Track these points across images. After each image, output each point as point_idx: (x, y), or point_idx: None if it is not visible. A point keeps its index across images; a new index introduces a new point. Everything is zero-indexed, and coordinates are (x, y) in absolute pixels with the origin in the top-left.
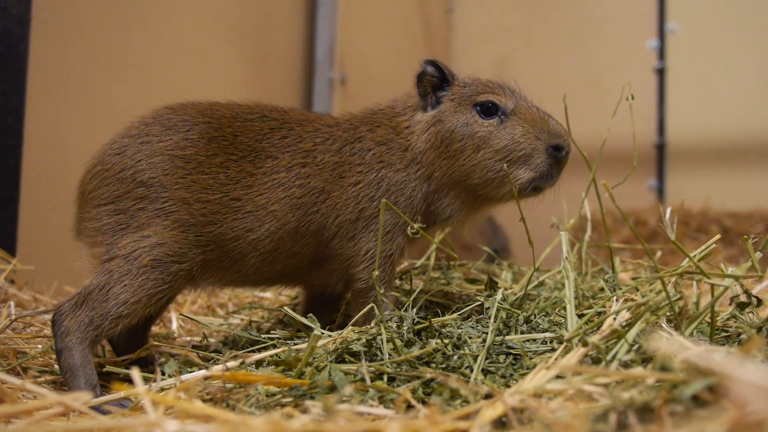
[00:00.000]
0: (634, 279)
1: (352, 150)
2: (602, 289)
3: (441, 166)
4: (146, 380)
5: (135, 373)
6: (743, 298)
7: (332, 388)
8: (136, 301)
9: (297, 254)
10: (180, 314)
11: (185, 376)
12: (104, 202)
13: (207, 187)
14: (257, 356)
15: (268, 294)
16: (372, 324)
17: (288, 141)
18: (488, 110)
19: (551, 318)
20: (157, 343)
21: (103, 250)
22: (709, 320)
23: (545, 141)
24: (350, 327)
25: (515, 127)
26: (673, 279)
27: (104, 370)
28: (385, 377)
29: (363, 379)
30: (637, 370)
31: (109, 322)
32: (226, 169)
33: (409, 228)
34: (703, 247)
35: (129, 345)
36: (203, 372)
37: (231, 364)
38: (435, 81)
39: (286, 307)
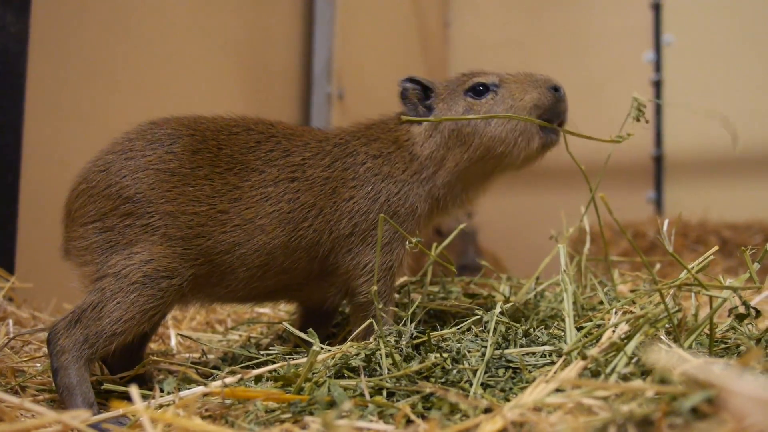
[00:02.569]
0: (632, 291)
1: (344, 165)
2: (601, 302)
3: (455, 155)
4: (145, 397)
5: (133, 390)
6: (742, 310)
7: (331, 404)
8: (129, 318)
9: (289, 270)
10: (178, 333)
11: (184, 393)
12: (91, 219)
13: (193, 200)
14: (255, 372)
15: (267, 309)
16: (371, 339)
17: (275, 155)
18: (479, 91)
19: (550, 331)
20: (155, 358)
21: (93, 269)
22: (708, 332)
23: (543, 85)
24: (349, 342)
25: (511, 91)
26: (671, 291)
27: (102, 387)
28: (385, 392)
29: (362, 395)
30: (637, 383)
31: (103, 340)
32: (212, 181)
33: (407, 242)
34: (701, 259)
35: (125, 365)
36: (202, 388)
37: (229, 380)
38: (418, 93)
39: (285, 322)
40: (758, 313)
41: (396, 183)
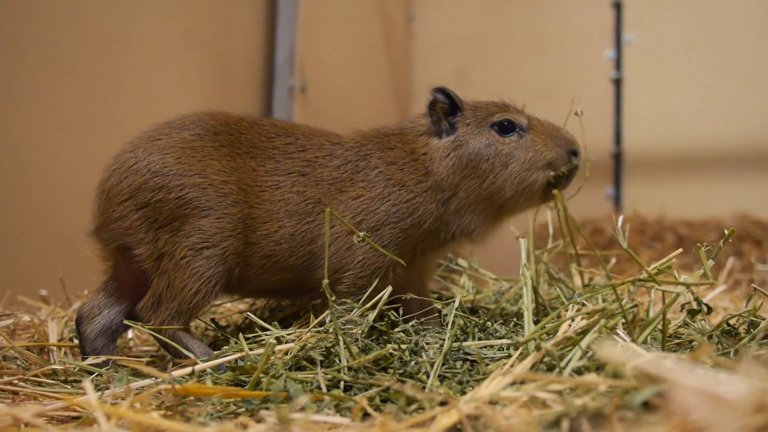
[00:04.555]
0: (585, 286)
1: (356, 168)
2: (559, 297)
3: (468, 186)
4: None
5: (87, 384)
6: (694, 306)
7: (288, 398)
8: (197, 291)
9: (293, 267)
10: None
11: (135, 385)
12: (125, 197)
13: (221, 171)
14: (204, 365)
15: (228, 304)
16: (330, 329)
17: (292, 148)
18: (506, 128)
19: (509, 327)
20: (110, 357)
21: (145, 249)
22: (661, 327)
23: (564, 147)
24: (308, 332)
25: (535, 140)
26: (626, 287)
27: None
28: (342, 385)
29: (320, 387)
30: (590, 377)
31: (188, 312)
32: (232, 159)
33: (355, 237)
34: (664, 260)
35: (98, 347)
36: (152, 382)
37: (177, 373)
38: (446, 108)
39: (248, 313)
40: (710, 309)
41: (408, 191)
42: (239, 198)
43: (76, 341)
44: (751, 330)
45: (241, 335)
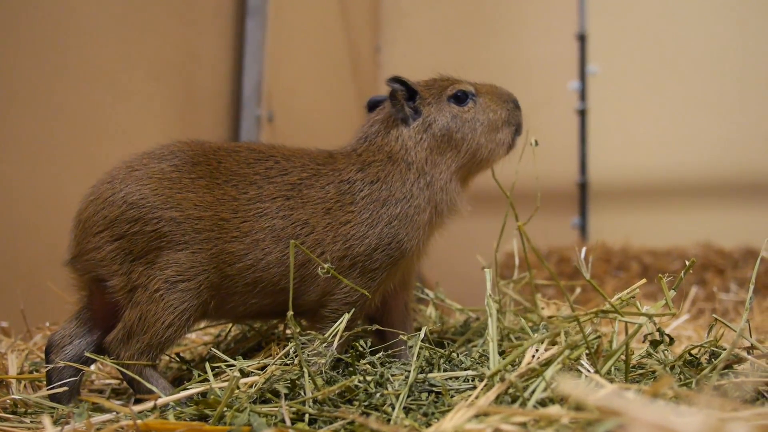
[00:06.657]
0: (550, 317)
1: (339, 190)
2: (523, 328)
3: (448, 159)
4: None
5: (45, 419)
6: (657, 337)
7: None
8: (170, 324)
9: (285, 291)
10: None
11: (96, 420)
12: (101, 228)
13: (197, 205)
14: (166, 399)
15: (193, 335)
16: (295, 361)
17: (273, 172)
18: (460, 98)
19: (473, 356)
20: (82, 396)
21: (119, 281)
22: (625, 358)
23: (509, 100)
24: (273, 365)
25: (488, 103)
26: (589, 317)
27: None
28: (307, 417)
29: (284, 421)
30: (553, 409)
31: (158, 347)
32: (212, 191)
33: (320, 268)
34: (627, 291)
35: (65, 377)
36: (113, 417)
37: (139, 408)
38: (405, 94)
39: (212, 347)
40: (671, 339)
41: (396, 204)
42: (212, 234)
43: (36, 374)
44: (713, 360)
45: (207, 365)
